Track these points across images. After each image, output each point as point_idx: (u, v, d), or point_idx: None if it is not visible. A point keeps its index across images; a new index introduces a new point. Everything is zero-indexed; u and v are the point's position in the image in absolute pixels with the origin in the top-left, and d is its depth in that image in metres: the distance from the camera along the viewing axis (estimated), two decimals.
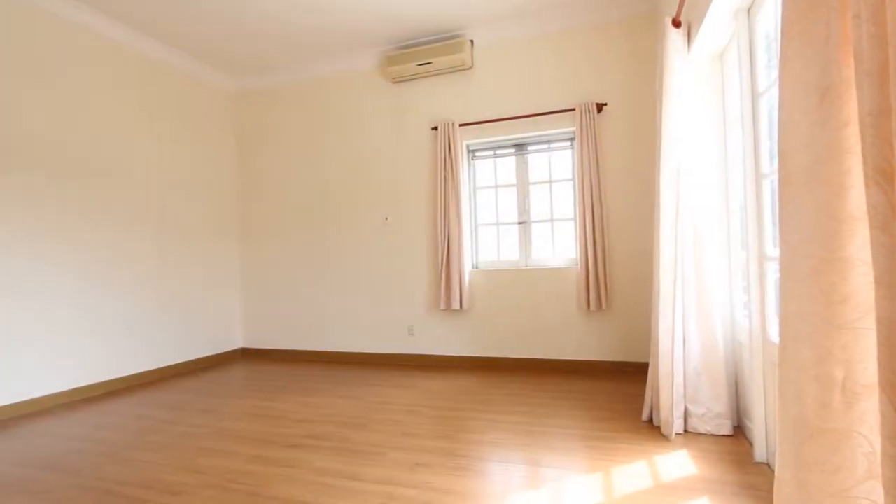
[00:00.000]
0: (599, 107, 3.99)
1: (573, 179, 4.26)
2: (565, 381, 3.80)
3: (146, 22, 4.06)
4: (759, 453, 2.21)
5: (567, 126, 4.16)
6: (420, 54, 4.38)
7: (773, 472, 2.12)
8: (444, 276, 4.37)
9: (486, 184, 4.57)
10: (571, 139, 4.27)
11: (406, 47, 4.61)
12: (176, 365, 4.60)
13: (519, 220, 4.42)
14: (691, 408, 2.62)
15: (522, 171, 4.43)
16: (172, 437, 2.84)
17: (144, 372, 4.31)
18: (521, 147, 4.43)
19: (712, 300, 2.58)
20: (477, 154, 4.59)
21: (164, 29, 4.18)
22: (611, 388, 3.53)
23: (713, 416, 2.56)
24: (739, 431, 2.60)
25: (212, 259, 5.08)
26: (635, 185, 3.99)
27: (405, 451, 2.49)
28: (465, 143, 4.51)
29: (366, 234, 4.87)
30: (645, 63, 3.98)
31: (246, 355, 5.36)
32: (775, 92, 2.04)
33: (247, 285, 5.39)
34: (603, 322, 4.07)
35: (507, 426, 2.83)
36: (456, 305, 4.34)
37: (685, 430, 2.62)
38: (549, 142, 4.34)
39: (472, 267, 4.53)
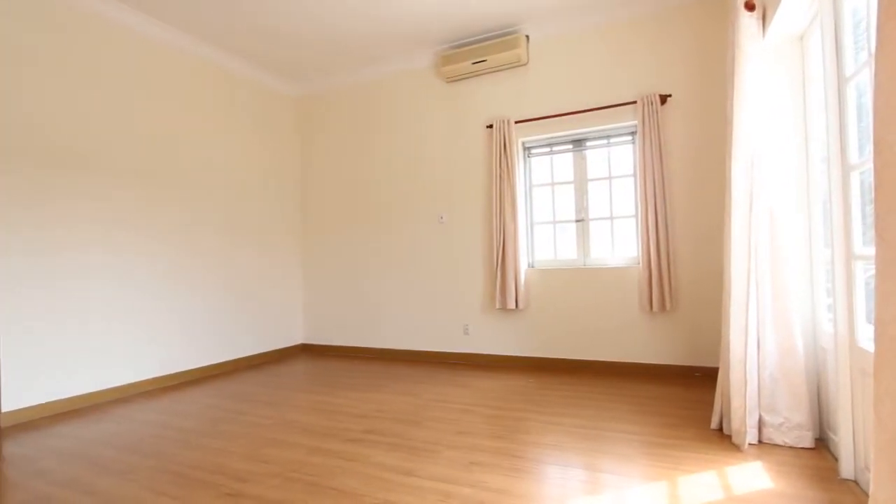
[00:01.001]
0: (663, 98, 3.81)
1: (634, 175, 4.10)
2: (626, 384, 3.67)
3: (218, 35, 4.29)
4: (846, 469, 2.02)
5: (628, 120, 4.00)
6: (475, 52, 4.36)
7: (862, 490, 1.93)
8: (499, 275, 4.33)
9: (543, 181, 4.49)
10: (633, 133, 4.10)
11: (460, 46, 4.61)
12: (243, 358, 4.86)
13: (576, 217, 4.31)
14: (767, 417, 2.45)
15: (580, 167, 4.31)
16: (241, 426, 2.99)
17: (215, 364, 4.57)
18: (578, 143, 4.32)
19: (791, 301, 2.39)
20: (532, 151, 4.51)
21: (233, 41, 4.41)
22: (676, 393, 3.37)
23: (792, 427, 2.38)
24: (822, 444, 2.40)
25: (276, 258, 5.32)
26: (702, 179, 3.79)
27: (460, 450, 2.49)
28: (520, 140, 4.45)
29: (421, 233, 4.92)
30: (712, 50, 3.76)
31: (306, 350, 5.56)
32: (865, 76, 1.86)
33: (307, 283, 5.60)
34: (667, 323, 3.89)
35: (564, 429, 2.76)
36: (511, 305, 4.30)
37: (759, 441, 2.45)
38: (608, 136, 4.20)
39: (528, 266, 4.46)
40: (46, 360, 3.37)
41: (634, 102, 3.93)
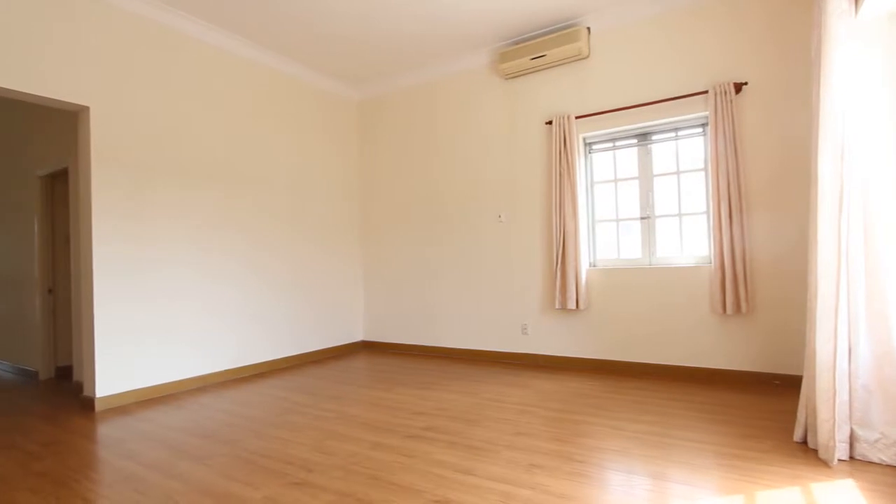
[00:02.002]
0: (738, 87, 3.57)
1: (706, 169, 3.87)
2: (697, 390, 3.47)
3: (284, 45, 4.49)
4: None
5: (698, 111, 3.79)
6: (533, 48, 4.28)
7: None
8: (559, 274, 4.24)
9: (605, 178, 4.34)
10: (703, 125, 3.88)
11: (518, 42, 4.55)
12: (307, 353, 5.05)
13: (641, 215, 4.13)
14: (859, 431, 2.23)
15: (645, 162, 4.13)
16: (306, 418, 3.11)
17: (282, 358, 4.79)
18: (643, 137, 4.14)
19: (888, 304, 2.16)
20: (594, 147, 4.37)
21: (297, 50, 4.59)
22: (753, 402, 3.14)
23: (890, 444, 2.15)
24: None
25: (338, 256, 5.49)
26: (783, 172, 3.51)
27: (519, 451, 2.45)
28: (581, 136, 4.33)
29: (479, 232, 4.90)
30: (792, 32, 3.47)
31: (367, 347, 5.70)
32: None
33: (367, 281, 5.74)
34: (743, 327, 3.64)
35: (628, 434, 2.65)
36: (572, 305, 4.18)
37: (850, 457, 2.24)
38: (676, 129, 3.99)
39: (590, 265, 4.33)
40: (137, 349, 3.66)
41: (705, 92, 3.71)
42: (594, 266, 4.32)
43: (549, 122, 4.42)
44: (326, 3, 3.85)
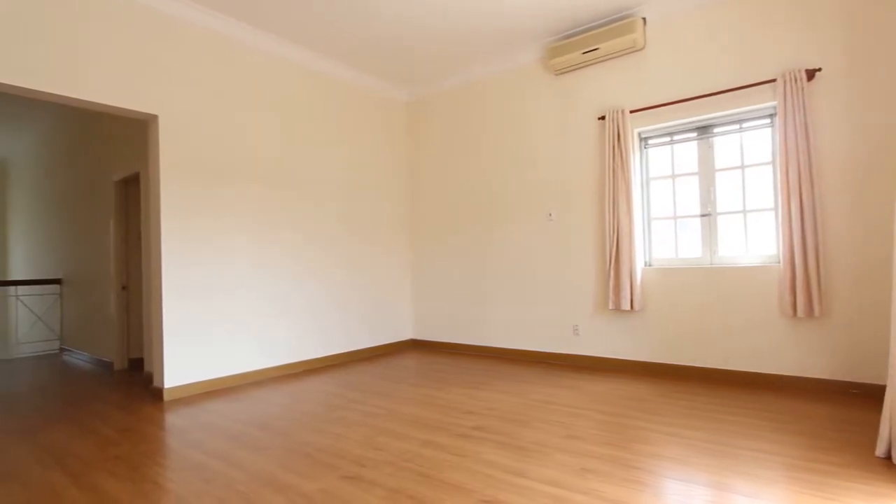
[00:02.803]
0: (810, 73, 3.33)
1: (774, 163, 3.64)
2: (761, 397, 3.27)
3: (334, 49, 4.60)
4: None
5: (765, 101, 3.56)
6: (585, 41, 4.17)
7: None
8: (612, 274, 4.11)
9: (661, 173, 4.17)
10: (771, 115, 3.64)
11: (570, 36, 4.44)
12: (358, 350, 5.16)
13: (702, 212, 3.93)
14: None
15: (706, 156, 3.93)
16: (357, 414, 3.17)
17: (334, 354, 4.92)
18: (703, 130, 3.94)
19: None
20: (650, 142, 4.21)
21: (349, 53, 4.70)
22: (825, 412, 2.92)
23: None
24: None
25: (387, 255, 5.58)
26: (862, 165, 3.24)
27: (571, 454, 2.39)
28: (636, 130, 4.17)
29: (529, 231, 4.83)
30: (871, 13, 3.19)
31: (415, 346, 5.76)
32: None
33: (416, 280, 5.79)
34: (816, 331, 3.39)
35: (686, 441, 2.53)
36: (626, 306, 4.05)
37: None
38: (739, 121, 3.77)
39: (645, 265, 4.17)
40: (200, 343, 3.87)
41: (773, 81, 3.48)
42: (650, 265, 4.16)
43: (602, 118, 4.30)
44: (375, 6, 3.91)
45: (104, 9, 3.43)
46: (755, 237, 3.72)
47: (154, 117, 3.71)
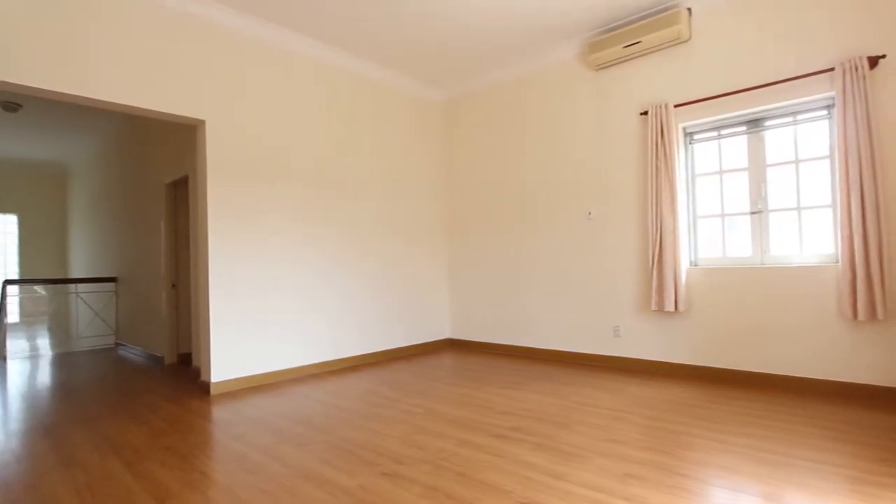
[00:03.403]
0: (873, 61, 3.12)
1: (832, 157, 3.44)
2: (817, 404, 3.09)
3: (374, 52, 4.66)
4: None
5: (822, 91, 3.37)
6: (627, 35, 4.06)
7: None
8: (655, 274, 3.98)
9: (708, 170, 4.01)
10: (829, 107, 3.44)
11: (610, 30, 4.34)
12: (396, 349, 5.21)
13: (752, 209, 3.76)
14: None
15: (757, 151, 3.75)
16: (395, 412, 3.20)
17: (372, 353, 4.98)
18: (754, 123, 3.76)
19: None
20: (695, 137, 4.05)
21: (388, 55, 4.75)
22: (889, 422, 2.73)
23: None
24: None
25: (425, 255, 5.60)
26: None
27: (612, 459, 2.33)
28: (680, 125, 4.03)
29: (567, 230, 4.75)
30: None
31: (452, 345, 5.76)
32: None
33: (453, 280, 5.79)
34: (879, 335, 3.18)
35: (734, 449, 2.42)
36: (670, 307, 3.91)
37: None
38: (793, 114, 3.58)
39: (690, 264, 4.02)
40: (245, 339, 3.99)
41: (831, 70, 3.28)
42: (695, 265, 4.01)
43: (644, 113, 4.17)
44: (413, 8, 3.92)
45: (160, 24, 3.59)
46: (810, 235, 3.52)
47: (202, 122, 3.86)
